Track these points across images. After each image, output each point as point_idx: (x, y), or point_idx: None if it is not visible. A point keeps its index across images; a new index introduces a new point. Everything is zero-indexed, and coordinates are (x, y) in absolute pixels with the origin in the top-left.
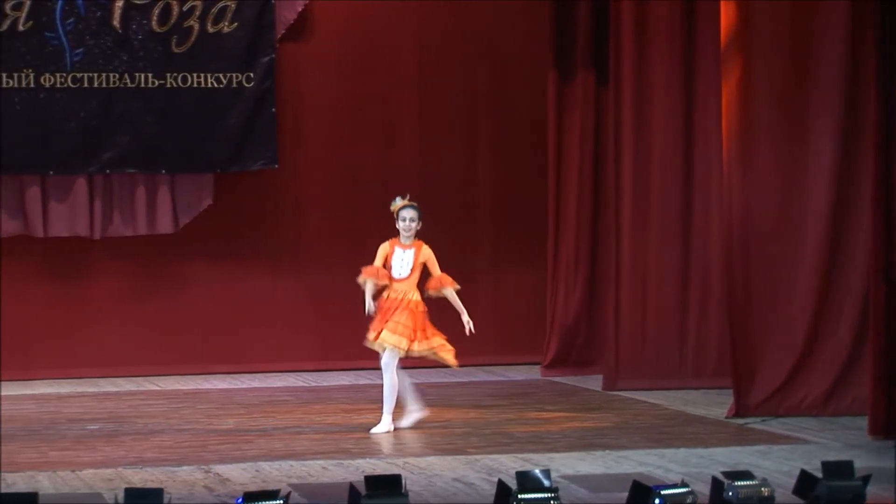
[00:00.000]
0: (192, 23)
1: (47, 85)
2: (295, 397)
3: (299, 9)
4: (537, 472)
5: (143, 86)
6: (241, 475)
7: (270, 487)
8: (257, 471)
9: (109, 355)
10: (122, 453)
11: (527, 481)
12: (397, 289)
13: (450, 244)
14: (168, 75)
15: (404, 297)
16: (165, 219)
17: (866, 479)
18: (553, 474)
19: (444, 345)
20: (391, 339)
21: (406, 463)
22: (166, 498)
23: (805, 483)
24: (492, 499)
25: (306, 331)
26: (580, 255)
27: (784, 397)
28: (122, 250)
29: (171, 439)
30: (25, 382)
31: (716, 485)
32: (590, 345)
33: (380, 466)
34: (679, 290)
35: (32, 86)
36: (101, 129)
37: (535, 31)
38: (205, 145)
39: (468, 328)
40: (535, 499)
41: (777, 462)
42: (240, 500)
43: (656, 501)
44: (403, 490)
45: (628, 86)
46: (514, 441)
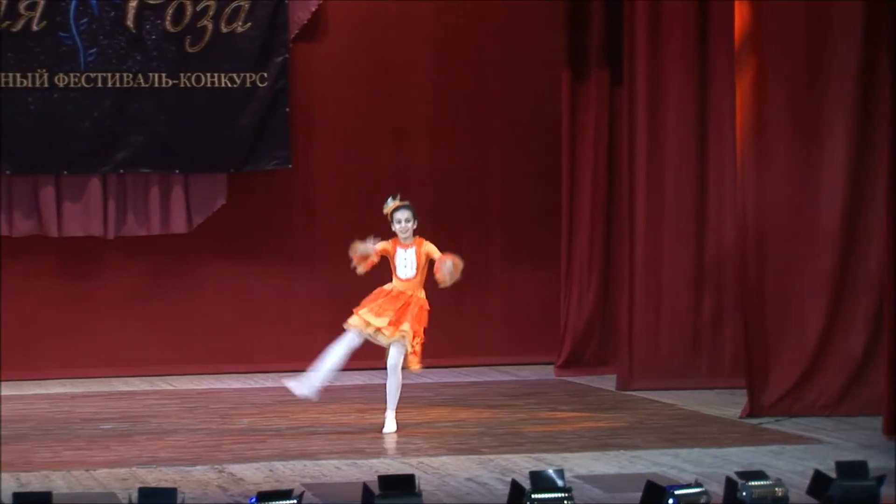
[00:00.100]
0: (205, 23)
1: (61, 85)
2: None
3: (313, 9)
4: (551, 471)
5: (156, 86)
6: (255, 475)
7: (284, 487)
8: (271, 470)
9: (123, 355)
10: (135, 453)
11: (540, 481)
12: (404, 288)
13: (463, 244)
14: (182, 75)
15: (412, 295)
16: (179, 218)
17: (880, 480)
18: (567, 474)
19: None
20: (376, 321)
21: (420, 463)
22: (180, 497)
23: (819, 483)
24: (505, 499)
25: (320, 330)
26: (594, 255)
27: (798, 397)
28: (136, 250)
29: (184, 439)
30: (39, 382)
31: (729, 485)
32: (603, 345)
33: (393, 466)
34: (693, 290)
35: (46, 86)
36: (115, 129)
37: (549, 30)
38: (218, 145)
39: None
40: (548, 499)
41: (791, 462)
42: (253, 500)
43: (670, 501)
44: (417, 490)
45: (642, 86)
46: (527, 441)
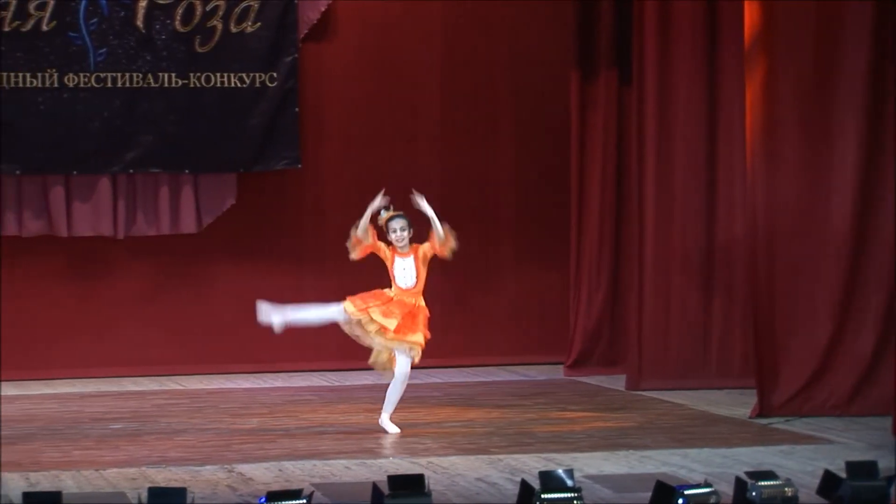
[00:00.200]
0: (215, 23)
1: (71, 85)
2: (318, 397)
3: (322, 9)
4: (560, 471)
5: (166, 86)
6: (265, 475)
7: (293, 487)
8: (280, 470)
9: (132, 354)
10: (145, 453)
11: (550, 481)
12: (405, 298)
13: (471, 244)
14: (191, 75)
15: (415, 304)
16: (189, 218)
17: (890, 480)
18: (576, 474)
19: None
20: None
21: (429, 462)
22: (189, 497)
23: (829, 483)
24: (515, 499)
25: (330, 330)
26: (603, 255)
27: (808, 397)
28: (146, 250)
29: (194, 439)
30: (48, 382)
31: (739, 485)
32: (613, 345)
33: (403, 466)
34: (702, 290)
35: (56, 86)
36: (125, 128)
37: (558, 30)
38: (228, 145)
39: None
40: (558, 499)
41: (801, 462)
42: (263, 500)
43: (679, 501)
44: (426, 490)
45: (651, 86)
46: (537, 441)
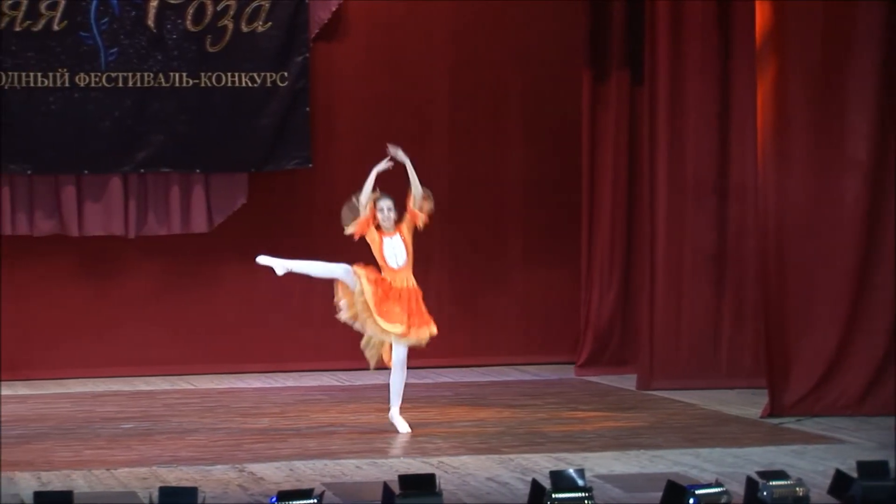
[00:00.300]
0: (226, 22)
1: (82, 84)
2: (329, 396)
3: (333, 8)
4: (571, 471)
5: (177, 85)
6: (275, 474)
7: (304, 486)
8: (291, 470)
9: (144, 354)
10: (156, 452)
11: (561, 481)
12: (396, 279)
13: (482, 243)
14: (202, 75)
15: (404, 287)
16: (200, 218)
17: None
18: (587, 474)
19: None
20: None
21: (440, 462)
22: (200, 497)
23: (840, 483)
24: (526, 498)
25: (340, 330)
26: (614, 254)
27: (819, 397)
28: (157, 249)
29: (205, 438)
30: (60, 381)
31: (750, 484)
32: (624, 344)
33: (414, 466)
34: (714, 290)
35: (67, 85)
36: (136, 128)
37: (570, 30)
38: (239, 145)
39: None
40: (569, 498)
41: (812, 462)
42: (274, 499)
43: (691, 501)
44: (437, 489)
45: (663, 85)
46: (547, 440)
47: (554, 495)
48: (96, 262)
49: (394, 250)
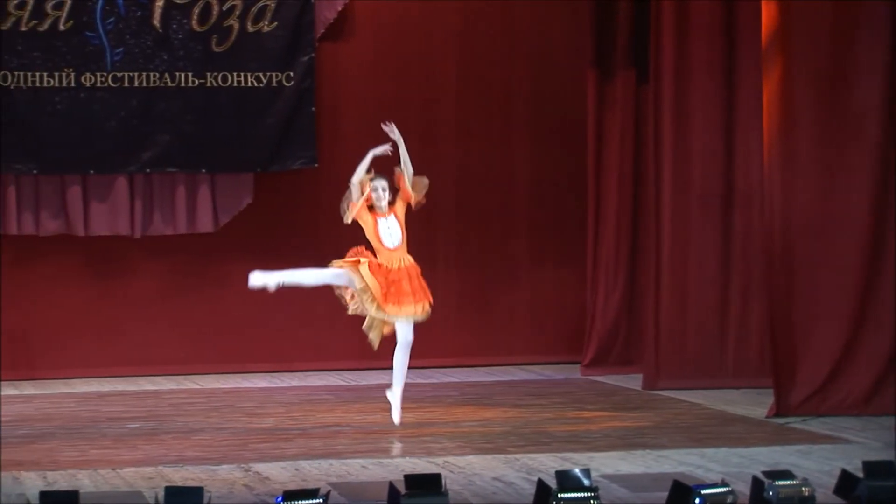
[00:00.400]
0: (231, 22)
1: (88, 84)
2: (335, 396)
3: (339, 8)
4: (577, 471)
5: (183, 85)
6: (281, 474)
7: (310, 486)
8: (297, 469)
9: (149, 354)
10: (162, 452)
11: (566, 481)
12: (392, 258)
13: (488, 243)
14: (208, 74)
15: (402, 266)
16: (205, 218)
17: None
18: (593, 474)
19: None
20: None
21: (446, 462)
22: (206, 496)
23: (846, 483)
24: (531, 498)
25: (346, 330)
26: (620, 254)
27: (825, 397)
28: (163, 249)
29: (211, 438)
30: (65, 381)
31: (756, 484)
32: (630, 344)
33: (419, 465)
34: (719, 290)
35: (73, 85)
36: (142, 128)
37: (575, 29)
38: (244, 144)
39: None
40: (574, 498)
41: (818, 462)
42: (279, 499)
43: (696, 501)
44: (443, 489)
45: (668, 85)
46: (553, 440)
47: (560, 495)
48: (102, 262)
49: (389, 230)
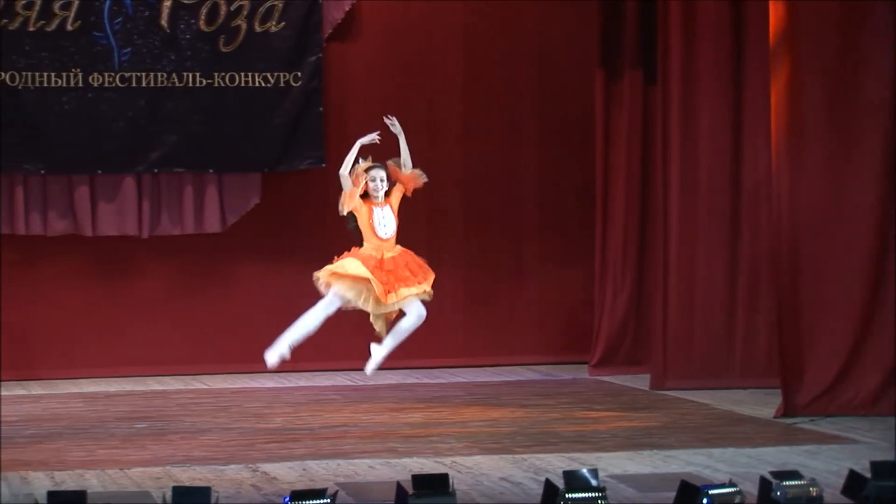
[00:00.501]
0: (239, 22)
1: (95, 84)
2: (342, 396)
3: (347, 8)
4: (585, 471)
5: (190, 85)
6: (289, 474)
7: (318, 486)
8: (304, 469)
9: (157, 354)
10: (169, 452)
11: (574, 481)
12: (383, 248)
13: (494, 243)
14: (216, 75)
15: (393, 257)
16: (213, 218)
17: None
18: (600, 474)
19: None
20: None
21: (453, 462)
22: (214, 496)
23: (854, 483)
24: (539, 498)
25: (353, 330)
26: (627, 254)
27: (833, 397)
28: (170, 249)
29: (218, 438)
30: (73, 381)
31: (764, 485)
32: (637, 344)
33: (427, 465)
34: (727, 290)
35: (81, 85)
36: (149, 128)
37: (582, 29)
38: (252, 144)
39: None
40: (582, 498)
41: (826, 462)
42: (287, 499)
43: (704, 501)
44: (451, 489)
45: (676, 85)
46: (561, 440)
47: (567, 495)
48: (109, 262)
49: (383, 220)
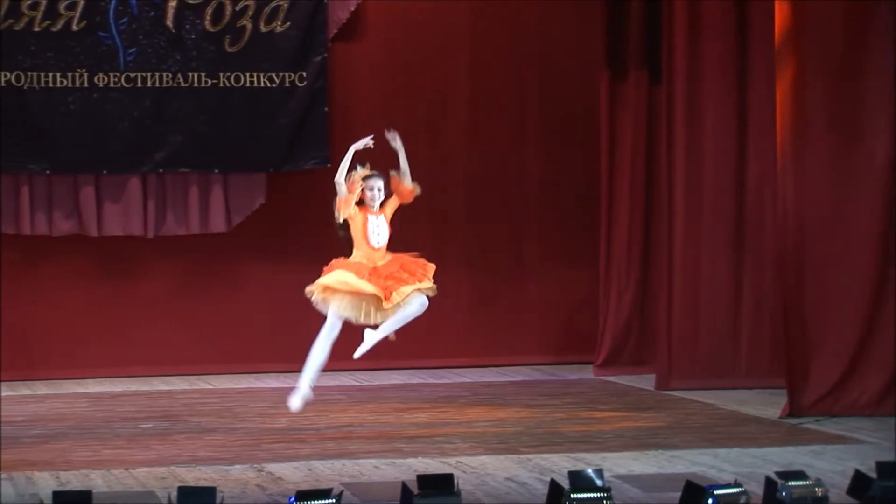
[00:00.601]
0: (244, 22)
1: (101, 85)
2: (347, 396)
3: (352, 8)
4: (590, 471)
5: (196, 85)
6: (294, 474)
7: (323, 486)
8: (310, 469)
9: (162, 354)
10: (175, 452)
11: (579, 481)
12: (374, 257)
13: (499, 243)
14: (221, 75)
15: (387, 260)
16: (218, 218)
17: None
18: (606, 474)
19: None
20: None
21: (458, 462)
22: (219, 497)
23: (859, 483)
24: (544, 498)
25: (358, 330)
26: (632, 254)
27: (838, 397)
28: (175, 249)
29: (223, 438)
30: (78, 381)
31: (769, 485)
32: (642, 344)
33: (432, 465)
34: (732, 290)
35: (86, 85)
36: (155, 128)
37: (587, 29)
38: (257, 144)
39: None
40: (587, 498)
41: (831, 462)
42: (292, 499)
43: (709, 501)
44: (456, 489)
45: (681, 85)
46: (566, 440)
47: (572, 495)
48: (115, 262)
49: (377, 229)
